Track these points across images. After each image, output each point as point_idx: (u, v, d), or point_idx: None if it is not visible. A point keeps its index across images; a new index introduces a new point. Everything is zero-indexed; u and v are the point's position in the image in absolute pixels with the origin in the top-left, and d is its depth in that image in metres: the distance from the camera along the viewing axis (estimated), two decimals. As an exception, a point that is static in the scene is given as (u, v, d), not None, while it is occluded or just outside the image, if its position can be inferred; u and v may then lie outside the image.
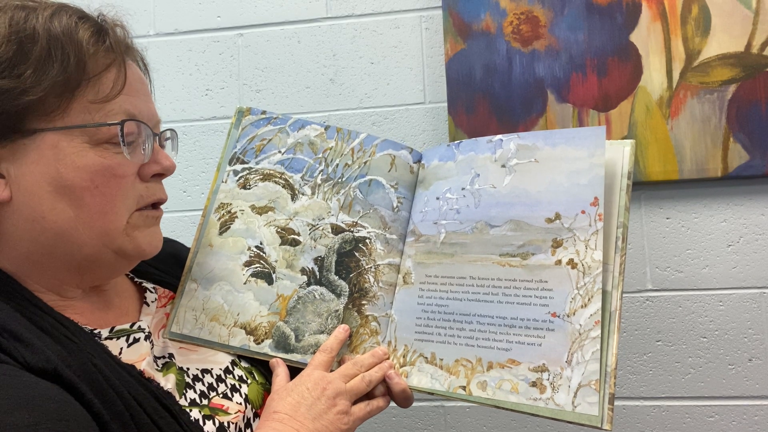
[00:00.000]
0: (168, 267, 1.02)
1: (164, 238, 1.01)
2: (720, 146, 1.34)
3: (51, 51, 0.74)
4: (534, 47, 1.41)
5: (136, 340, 0.83)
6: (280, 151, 1.02)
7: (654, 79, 1.37)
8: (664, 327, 1.41)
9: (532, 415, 0.81)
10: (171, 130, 0.93)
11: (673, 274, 1.41)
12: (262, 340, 0.94)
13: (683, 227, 1.41)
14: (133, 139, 0.80)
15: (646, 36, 1.37)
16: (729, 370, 1.38)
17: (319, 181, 1.00)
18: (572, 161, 0.87)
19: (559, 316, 0.82)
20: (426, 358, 0.90)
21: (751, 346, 1.37)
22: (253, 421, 0.88)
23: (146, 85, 0.87)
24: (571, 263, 0.83)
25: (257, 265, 0.97)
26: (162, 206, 0.88)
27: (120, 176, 0.79)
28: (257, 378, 0.94)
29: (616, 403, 1.41)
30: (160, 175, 0.86)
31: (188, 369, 0.87)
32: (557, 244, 0.85)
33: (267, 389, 0.93)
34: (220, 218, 1.00)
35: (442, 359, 0.89)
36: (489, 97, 1.42)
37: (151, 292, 0.95)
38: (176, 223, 1.58)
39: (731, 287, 1.39)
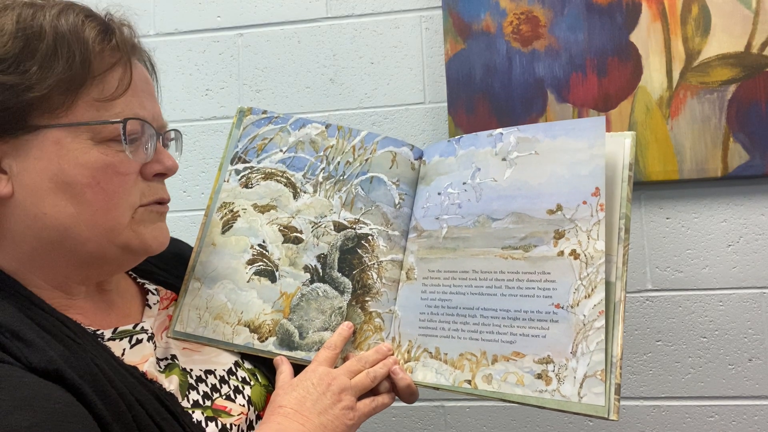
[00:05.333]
0: (171, 267, 1.01)
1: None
2: (720, 146, 1.34)
3: (57, 48, 0.74)
4: (534, 47, 1.41)
5: (138, 341, 0.83)
6: (281, 150, 1.02)
7: (654, 79, 1.37)
8: (664, 327, 1.41)
9: (538, 407, 0.81)
10: (175, 130, 0.92)
11: (673, 274, 1.41)
12: (266, 338, 0.94)
13: (683, 227, 1.41)
14: (136, 137, 0.80)
15: (646, 36, 1.38)
16: (729, 370, 1.38)
17: (320, 179, 1.01)
18: (572, 152, 0.87)
19: (562, 307, 0.82)
20: (430, 352, 0.90)
21: (751, 346, 1.37)
22: (256, 423, 0.87)
23: (152, 85, 0.87)
24: (574, 254, 0.83)
25: (260, 263, 0.97)
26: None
27: (122, 174, 0.79)
28: (260, 380, 0.93)
29: (617, 402, 1.41)
30: (163, 175, 0.86)
31: (191, 370, 0.87)
32: (559, 236, 0.85)
33: (270, 391, 0.92)
34: (222, 217, 1.00)
35: (446, 354, 0.89)
36: (489, 97, 1.43)
37: (153, 294, 0.95)
38: (176, 223, 1.58)
39: (731, 287, 1.39)
